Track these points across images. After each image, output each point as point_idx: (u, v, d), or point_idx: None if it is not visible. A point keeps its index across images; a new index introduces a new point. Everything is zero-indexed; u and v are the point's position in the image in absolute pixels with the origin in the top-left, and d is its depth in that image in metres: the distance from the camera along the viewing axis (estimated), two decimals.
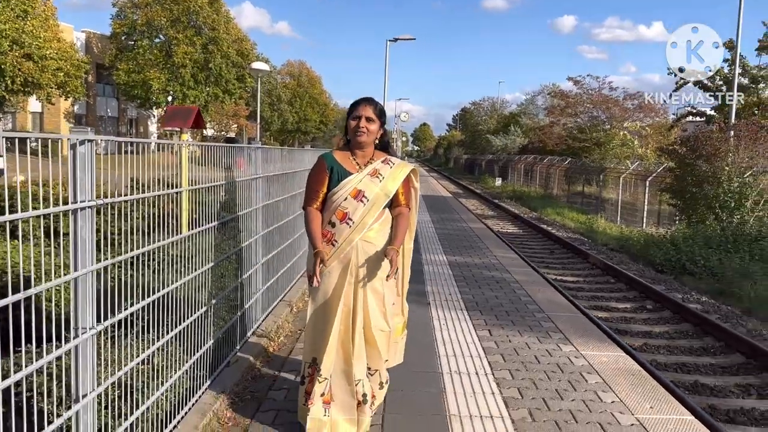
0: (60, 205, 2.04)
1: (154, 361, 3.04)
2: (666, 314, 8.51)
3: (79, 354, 2.20)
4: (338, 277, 3.16)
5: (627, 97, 32.79)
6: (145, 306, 2.82)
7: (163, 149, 3.78)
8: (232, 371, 3.90)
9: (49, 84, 25.95)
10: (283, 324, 5.15)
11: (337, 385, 3.19)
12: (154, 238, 2.93)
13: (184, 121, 8.05)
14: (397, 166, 3.34)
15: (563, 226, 18.96)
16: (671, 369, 6.37)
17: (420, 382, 4.01)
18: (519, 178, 36.35)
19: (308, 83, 56.45)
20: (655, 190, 18.95)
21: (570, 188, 27.62)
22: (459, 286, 7.31)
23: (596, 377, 4.27)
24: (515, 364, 4.50)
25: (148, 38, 37.09)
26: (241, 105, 40.07)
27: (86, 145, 2.15)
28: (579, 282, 10.58)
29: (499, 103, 66.51)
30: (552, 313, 6.10)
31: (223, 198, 4.09)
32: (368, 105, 3.29)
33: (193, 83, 36.89)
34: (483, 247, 10.64)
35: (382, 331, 3.23)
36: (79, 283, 2.18)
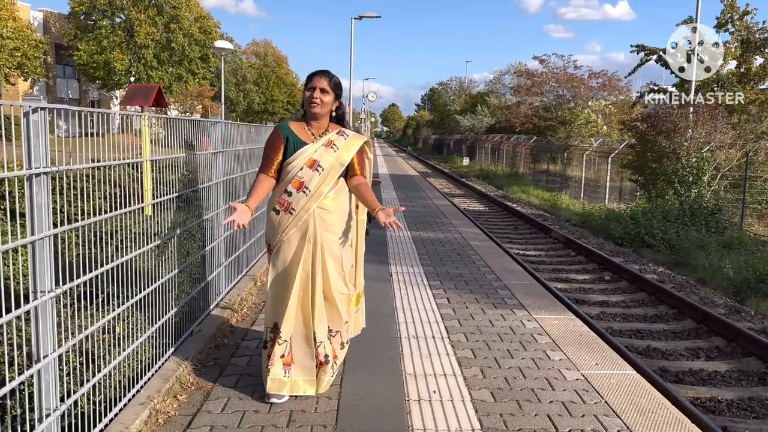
0: (15, 171, 2.09)
1: (117, 330, 3.12)
2: (623, 284, 8.83)
3: (39, 316, 2.28)
4: (296, 244, 3.29)
5: (591, 76, 33.31)
6: (105, 274, 2.89)
7: (125, 132, 3.81)
8: (195, 340, 4.00)
9: (6, 65, 25.23)
10: (247, 296, 5.24)
11: (297, 347, 3.32)
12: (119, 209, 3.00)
13: (145, 99, 8.01)
14: (352, 137, 3.46)
15: (528, 203, 19.31)
16: (626, 335, 6.65)
17: (379, 346, 4.17)
18: (486, 158, 36.72)
19: (274, 63, 55.71)
20: (617, 166, 19.39)
21: (536, 167, 28.05)
22: (421, 259, 7.47)
23: (546, 338, 4.49)
24: (470, 328, 4.69)
25: (108, 18, 36.12)
26: (206, 86, 39.43)
27: (39, 113, 2.21)
28: (541, 256, 10.87)
29: (466, 82, 66.77)
30: (509, 282, 6.31)
31: (183, 172, 4.15)
32: (323, 77, 3.39)
33: (156, 63, 36.14)
34: (447, 224, 10.83)
35: (342, 294, 3.37)
36: (36, 247, 2.24)
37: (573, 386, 3.66)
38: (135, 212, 3.23)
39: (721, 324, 6.69)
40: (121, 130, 3.71)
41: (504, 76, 52.26)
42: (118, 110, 4.18)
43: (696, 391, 5.13)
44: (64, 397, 2.49)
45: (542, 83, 34.99)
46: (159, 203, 3.60)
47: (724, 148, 14.79)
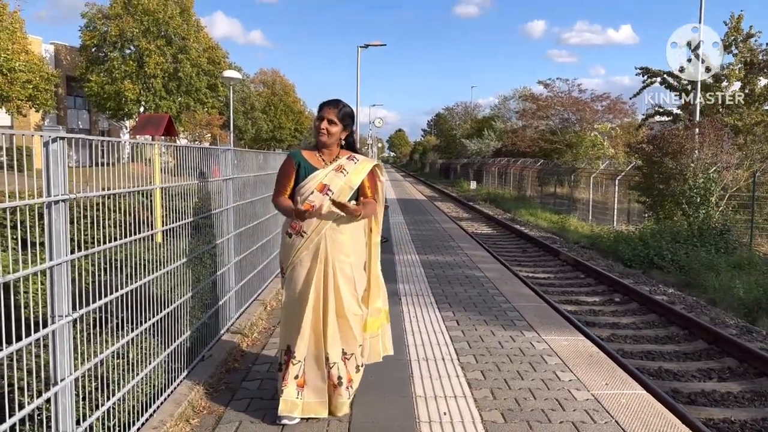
0: (35, 198, 2.17)
1: (130, 355, 3.16)
2: (633, 306, 8.79)
3: (56, 339, 2.33)
4: (309, 266, 3.35)
5: (596, 99, 33.47)
6: (119, 298, 2.94)
7: (136, 160, 3.89)
8: (207, 365, 4.03)
9: (18, 96, 25.69)
10: (257, 321, 5.28)
11: (310, 368, 3.35)
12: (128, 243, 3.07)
13: (155, 129, 8.15)
14: (362, 161, 3.54)
15: (536, 226, 19.30)
16: (637, 357, 6.61)
17: (389, 368, 4.18)
18: (493, 181, 36.79)
19: (282, 91, 56.41)
20: (624, 188, 19.40)
21: (543, 189, 28.08)
22: (430, 282, 7.50)
23: (556, 359, 4.49)
24: (480, 350, 4.70)
25: (119, 50, 36.82)
26: (214, 114, 39.94)
27: (58, 142, 2.29)
28: (550, 278, 10.85)
29: (472, 107, 67.24)
30: (518, 304, 6.32)
31: (194, 199, 4.22)
32: (332, 108, 3.48)
33: (164, 93, 36.70)
34: (455, 247, 10.86)
35: (356, 315, 3.41)
36: (54, 272, 2.30)
37: (583, 406, 3.66)
38: (146, 239, 3.30)
39: (732, 345, 6.65)
40: (132, 159, 3.79)
41: (509, 100, 52.64)
42: (129, 138, 4.28)
43: (709, 413, 5.09)
44: (80, 420, 2.52)
45: (547, 107, 35.18)
46: (170, 230, 3.67)
47: (731, 168, 14.79)
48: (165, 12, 36.12)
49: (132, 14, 35.98)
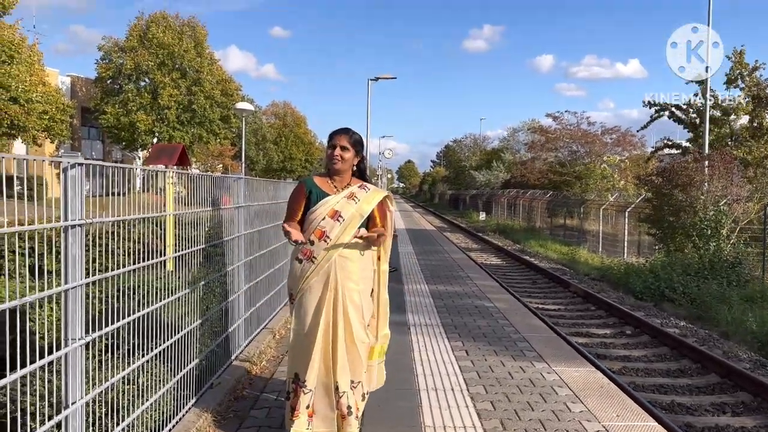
0: (53, 222, 2.22)
1: (139, 381, 3.17)
2: (644, 339, 8.71)
3: (69, 362, 2.35)
4: (319, 293, 3.36)
5: (605, 132, 33.59)
6: (130, 323, 2.97)
7: (148, 190, 3.94)
8: (215, 392, 4.03)
9: (34, 127, 26.14)
10: (266, 349, 5.27)
11: (319, 398, 3.34)
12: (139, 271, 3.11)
13: (169, 159, 8.28)
14: (373, 191, 3.58)
15: (546, 257, 19.22)
16: (649, 390, 6.53)
17: (397, 397, 4.16)
18: (503, 212, 36.77)
19: (293, 123, 57.08)
20: (634, 220, 19.33)
21: (552, 221, 28.01)
22: (439, 312, 7.47)
23: (566, 390, 4.44)
24: (490, 381, 4.66)
25: (134, 82, 37.53)
26: (226, 145, 40.42)
27: (77, 168, 2.35)
28: (560, 310, 10.77)
29: (480, 139, 67.65)
30: (528, 334, 6.28)
31: (206, 227, 4.27)
32: (343, 135, 3.55)
33: (177, 124, 37.25)
34: (464, 277, 10.83)
35: (363, 343, 3.40)
36: (69, 295, 2.34)
37: None
38: (157, 267, 3.33)
39: (746, 379, 6.55)
40: (144, 189, 3.84)
41: (518, 132, 52.92)
42: (140, 166, 4.34)
43: None
44: None
45: (556, 139, 35.34)
46: (181, 257, 3.71)
47: (741, 201, 14.74)
48: (180, 46, 36.89)
49: (147, 47, 36.77)
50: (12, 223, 2.15)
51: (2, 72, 23.58)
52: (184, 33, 37.86)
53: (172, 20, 38.46)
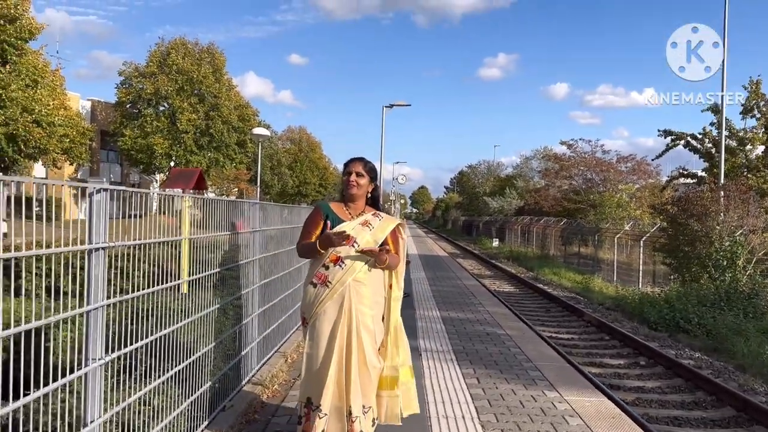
0: (78, 245, 2.30)
1: (154, 402, 3.23)
2: (659, 370, 8.62)
3: (89, 382, 2.42)
4: (334, 317, 3.41)
5: (620, 160, 33.56)
6: (147, 345, 3.03)
7: (163, 212, 4.02)
8: (228, 415, 4.07)
9: (55, 149, 26.66)
10: (278, 373, 5.31)
11: (332, 423, 3.37)
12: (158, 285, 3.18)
13: (186, 183, 8.42)
14: (386, 219, 3.67)
15: (560, 286, 19.11)
16: (662, 422, 6.46)
17: (409, 425, 4.15)
18: (516, 239, 36.66)
19: (308, 148, 57.67)
20: (650, 249, 19.20)
21: (567, 249, 27.87)
22: (451, 338, 7.47)
23: (578, 420, 4.43)
24: (501, 408, 4.66)
25: (153, 106, 38.25)
26: (242, 169, 40.90)
27: (102, 193, 2.44)
28: (573, 339, 10.70)
29: (494, 166, 67.77)
30: (540, 363, 6.26)
31: (222, 250, 4.35)
32: (358, 162, 3.65)
33: (195, 148, 37.80)
34: (477, 304, 10.81)
35: (375, 368, 3.44)
36: (91, 316, 2.42)
37: None
38: (173, 290, 3.41)
39: (763, 413, 6.46)
40: (159, 212, 3.93)
41: (531, 160, 53.00)
42: (161, 191, 4.43)
43: None
44: None
45: (570, 167, 35.33)
46: (197, 281, 3.78)
47: (758, 231, 14.61)
48: (198, 71, 37.63)
49: (167, 73, 37.54)
50: (31, 244, 2.24)
51: (26, 96, 24.16)
52: (203, 59, 38.64)
53: (192, 47, 39.31)
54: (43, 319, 2.07)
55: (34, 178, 2.06)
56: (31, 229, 2.09)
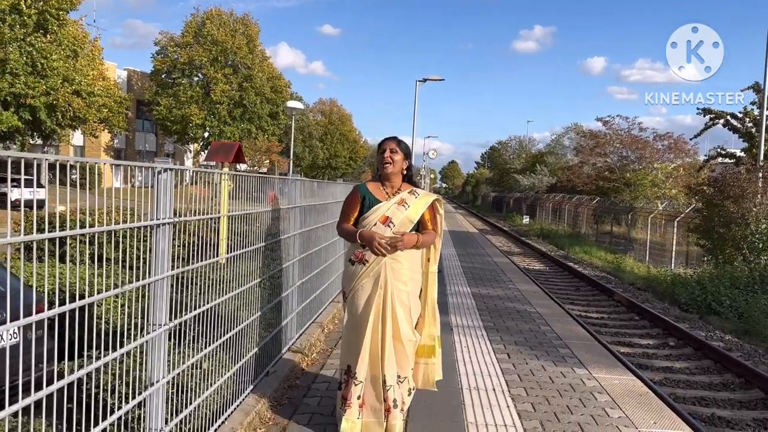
0: (148, 220, 2.50)
1: (204, 366, 3.46)
2: (688, 351, 8.66)
3: (154, 346, 2.64)
4: (370, 291, 3.60)
5: (657, 138, 32.90)
6: (199, 315, 3.25)
7: (196, 183, 4.16)
8: (271, 380, 4.31)
9: (93, 119, 27.29)
10: (315, 342, 5.55)
11: (368, 389, 3.58)
12: (205, 257, 3.38)
13: (225, 156, 8.62)
14: (422, 195, 3.80)
15: (590, 265, 19.06)
16: (689, 401, 6.54)
17: (441, 395, 4.35)
18: (547, 217, 36.42)
19: (339, 121, 57.75)
20: (684, 230, 18.98)
21: (599, 227, 27.64)
22: (481, 314, 7.63)
23: (606, 396, 4.57)
24: (530, 383, 4.83)
25: (187, 76, 38.67)
26: (274, 141, 41.26)
27: (167, 173, 2.63)
28: (603, 318, 10.76)
29: (526, 141, 66.95)
30: (569, 341, 6.39)
31: (266, 224, 4.55)
32: (391, 140, 3.80)
33: (228, 119, 38.23)
34: (507, 281, 10.93)
35: (410, 341, 3.63)
36: (156, 285, 2.63)
37: None
38: (217, 262, 3.59)
39: None
40: (192, 183, 4.08)
41: (563, 137, 52.25)
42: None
43: None
44: (167, 420, 2.82)
45: (605, 144, 34.74)
46: (246, 253, 3.98)
47: None
48: (233, 42, 37.83)
49: (201, 44, 37.84)
50: (74, 211, 2.43)
51: (67, 66, 24.66)
52: (237, 30, 38.79)
53: (226, 17, 39.47)
54: (120, 288, 2.28)
55: (110, 160, 2.25)
56: (70, 197, 2.28)
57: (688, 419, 5.41)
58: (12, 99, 23.00)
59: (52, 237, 1.92)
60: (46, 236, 1.91)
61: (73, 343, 2.42)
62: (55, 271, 4.73)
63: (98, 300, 2.21)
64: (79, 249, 5.34)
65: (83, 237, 5.35)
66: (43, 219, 5.03)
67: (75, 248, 5.50)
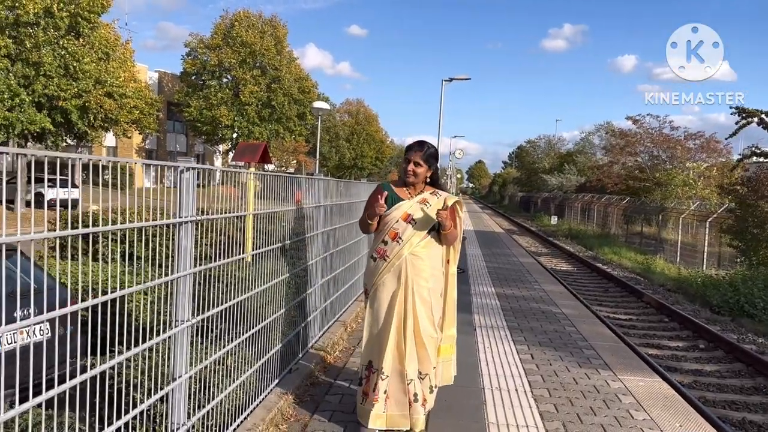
0: (171, 218, 2.55)
1: (227, 362, 3.51)
2: (718, 353, 8.49)
3: (176, 341, 2.69)
4: (391, 287, 3.63)
5: (688, 137, 32.25)
6: (223, 311, 3.30)
7: (225, 183, 4.24)
8: (294, 377, 4.36)
9: (125, 120, 27.79)
10: (338, 340, 5.59)
11: (393, 383, 3.61)
12: (229, 255, 3.43)
13: (252, 156, 8.74)
14: (443, 196, 3.81)
15: (620, 266, 18.79)
16: (720, 405, 6.42)
17: (463, 395, 4.35)
18: (575, 217, 35.99)
19: (365, 121, 57.81)
20: (716, 231, 18.59)
21: (628, 228, 27.22)
22: (505, 315, 7.59)
23: (630, 398, 4.51)
24: (554, 384, 4.78)
25: (217, 78, 39.17)
26: (301, 141, 41.53)
27: (190, 172, 2.68)
28: (632, 320, 10.61)
29: (555, 140, 66.17)
30: (595, 342, 6.32)
31: (291, 223, 4.60)
32: (418, 151, 3.78)
33: (257, 120, 38.62)
34: (532, 281, 10.84)
35: (431, 338, 3.65)
36: (179, 282, 2.68)
37: None
38: (241, 260, 3.63)
39: None
40: (221, 182, 4.15)
41: (592, 136, 51.55)
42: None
43: None
44: (190, 415, 2.87)
45: (636, 143, 34.17)
46: (265, 252, 4.02)
47: None
48: (261, 44, 38.19)
49: (231, 45, 38.28)
50: (105, 211, 2.50)
51: (99, 68, 25.16)
52: (266, 32, 39.15)
53: (255, 19, 39.84)
54: (139, 285, 2.33)
55: (134, 159, 2.30)
56: (103, 197, 2.32)
57: (717, 422, 5.30)
58: (45, 101, 23.55)
59: (76, 234, 1.97)
60: (69, 233, 1.97)
61: (103, 339, 2.49)
62: (86, 269, 4.85)
63: (122, 295, 2.26)
64: (110, 247, 5.47)
65: (112, 235, 5.50)
66: (76, 218, 5.16)
67: (106, 246, 5.63)
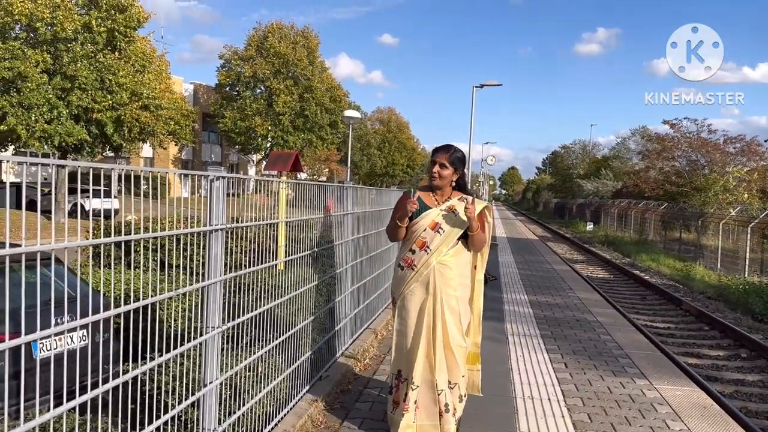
0: (202, 227, 2.60)
1: (258, 369, 3.55)
2: (761, 363, 8.23)
3: (207, 348, 2.73)
4: (420, 296, 3.61)
5: (728, 141, 31.45)
6: (253, 318, 3.33)
7: (258, 192, 4.30)
8: (324, 384, 4.38)
9: (161, 132, 28.40)
10: (368, 348, 5.59)
11: (423, 393, 3.59)
12: (260, 262, 3.48)
13: (284, 165, 8.83)
14: (470, 201, 3.77)
15: (658, 273, 18.38)
16: (763, 416, 6.22)
17: (494, 403, 4.31)
18: (612, 223, 35.36)
19: (397, 129, 57.97)
20: (758, 236, 18.06)
21: (667, 234, 26.63)
22: (538, 323, 7.49)
23: (667, 408, 4.40)
24: (587, 393, 4.70)
25: (251, 89, 39.78)
26: (333, 150, 41.82)
27: (220, 180, 2.73)
28: (670, 328, 10.36)
29: (590, 145, 65.21)
30: (631, 351, 6.19)
31: (321, 231, 4.63)
32: (444, 153, 3.75)
33: (291, 129, 39.08)
34: (567, 289, 10.68)
35: (460, 347, 3.62)
36: (210, 289, 2.72)
37: None
38: (273, 267, 3.67)
39: None
40: (255, 191, 4.21)
41: (628, 140, 50.64)
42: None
43: None
44: (221, 421, 2.90)
45: (673, 148, 33.46)
46: (296, 259, 4.06)
47: None
48: (294, 55, 38.67)
49: (264, 57, 38.85)
50: (143, 220, 2.57)
51: (136, 81, 25.78)
52: (298, 42, 39.62)
53: (287, 30, 40.37)
54: (174, 290, 2.38)
55: (167, 169, 2.35)
56: (139, 206, 2.37)
57: None
58: (81, 113, 24.21)
59: (109, 241, 2.03)
60: (102, 241, 2.02)
61: (136, 346, 2.54)
62: (122, 277, 4.97)
63: (154, 302, 2.31)
64: (143, 254, 5.61)
65: (148, 243, 5.64)
66: (114, 227, 5.30)
67: (142, 254, 5.78)
